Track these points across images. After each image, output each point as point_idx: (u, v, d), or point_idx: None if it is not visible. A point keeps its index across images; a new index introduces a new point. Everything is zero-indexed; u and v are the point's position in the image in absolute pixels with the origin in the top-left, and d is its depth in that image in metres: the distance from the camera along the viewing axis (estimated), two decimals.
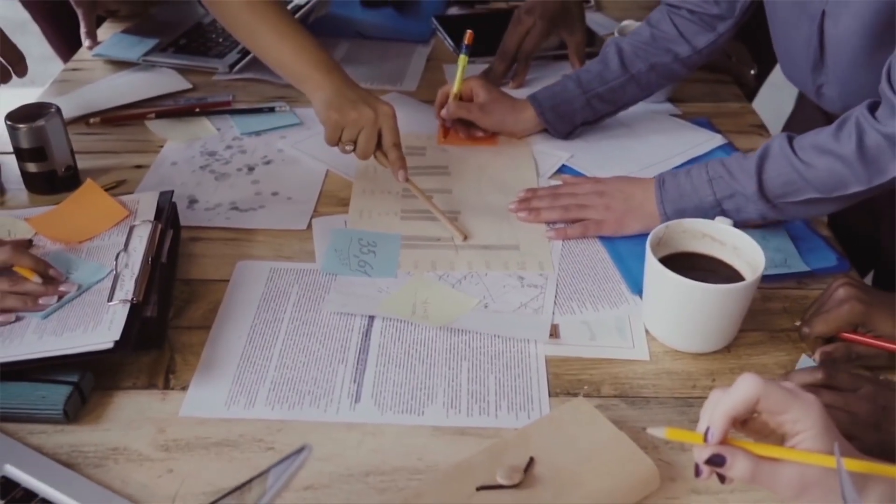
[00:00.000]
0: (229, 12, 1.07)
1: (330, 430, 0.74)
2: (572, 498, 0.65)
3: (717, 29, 1.12)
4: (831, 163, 0.86)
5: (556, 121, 1.15)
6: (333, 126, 1.01)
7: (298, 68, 1.04)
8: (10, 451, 0.70)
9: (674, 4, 1.13)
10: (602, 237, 0.98)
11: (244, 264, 0.94)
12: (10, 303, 0.80)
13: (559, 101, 1.15)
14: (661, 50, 1.13)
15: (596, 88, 1.14)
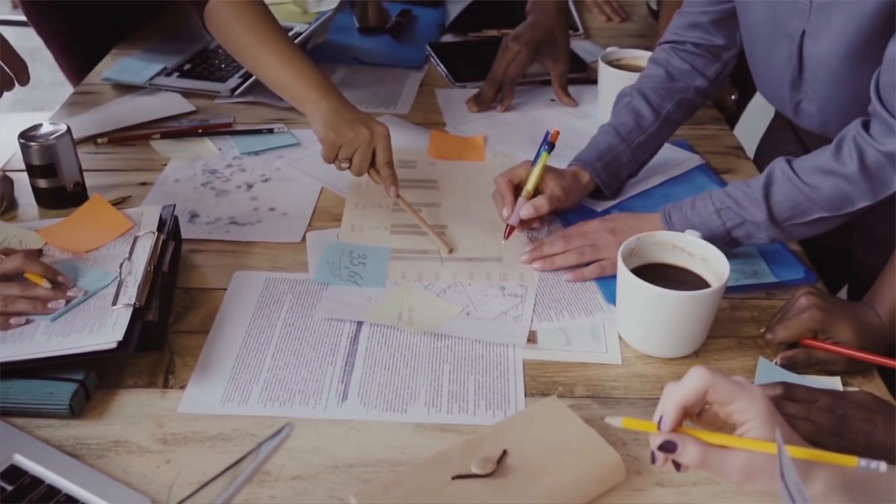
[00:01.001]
0: (234, 37, 1.13)
1: (317, 426, 0.79)
2: (542, 487, 0.70)
3: (722, 58, 1.16)
4: (836, 182, 0.90)
5: (610, 179, 1.12)
6: (331, 145, 1.07)
7: (299, 90, 1.11)
8: (19, 442, 0.75)
9: (676, 41, 1.17)
10: None
11: (241, 274, 0.99)
12: (21, 306, 0.85)
13: (608, 158, 1.12)
14: (683, 86, 1.15)
15: (637, 138, 1.13)
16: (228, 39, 1.15)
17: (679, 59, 1.15)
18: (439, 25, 1.71)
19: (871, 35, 0.90)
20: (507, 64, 1.36)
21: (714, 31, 1.13)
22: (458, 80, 1.48)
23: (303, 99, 1.11)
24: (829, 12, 0.93)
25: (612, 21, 1.78)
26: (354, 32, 1.68)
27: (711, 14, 1.12)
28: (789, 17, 0.98)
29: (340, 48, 1.60)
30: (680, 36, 1.16)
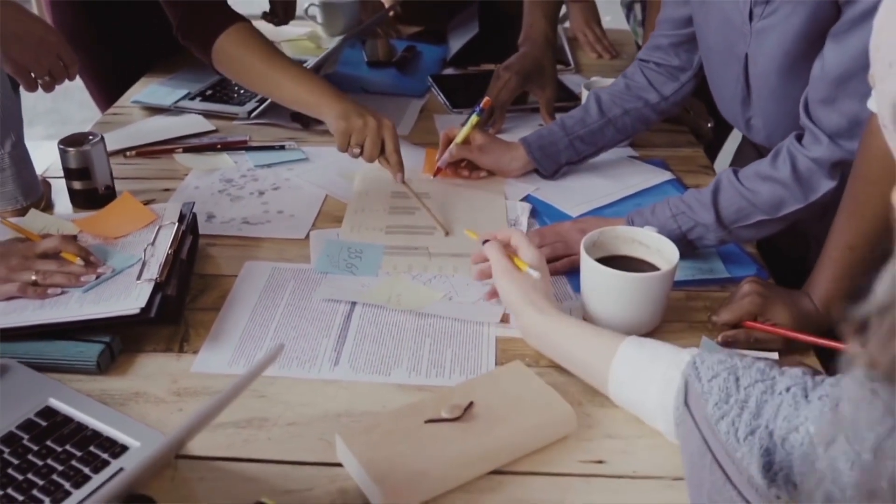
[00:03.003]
0: (246, 67, 1.28)
1: (312, 385, 0.90)
2: (503, 430, 0.80)
3: (679, 79, 1.30)
4: (773, 187, 1.02)
5: (544, 160, 1.31)
6: (343, 132, 1.21)
7: (314, 99, 1.25)
8: (53, 389, 0.87)
9: (644, 59, 1.32)
10: None
11: (251, 264, 1.11)
12: (57, 279, 0.98)
13: (546, 142, 1.32)
14: (634, 97, 1.31)
15: (578, 131, 1.31)
16: (241, 71, 1.29)
17: (640, 75, 1.30)
18: (441, 60, 1.85)
19: (798, 56, 1.03)
20: (499, 90, 1.50)
21: (673, 53, 1.27)
22: (455, 107, 1.62)
23: (319, 105, 1.25)
24: (765, 36, 1.06)
25: (602, 58, 1.92)
26: (363, 65, 1.83)
27: (672, 38, 1.26)
28: (736, 41, 1.11)
29: (349, 78, 1.74)
30: (646, 55, 1.30)
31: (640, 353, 0.81)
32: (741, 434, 0.68)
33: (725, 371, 0.73)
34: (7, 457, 0.78)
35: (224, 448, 0.82)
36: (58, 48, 1.32)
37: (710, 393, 0.72)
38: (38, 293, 0.97)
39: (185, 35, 1.30)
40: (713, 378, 0.73)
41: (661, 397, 0.78)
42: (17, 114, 1.16)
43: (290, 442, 0.83)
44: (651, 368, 0.79)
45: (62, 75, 1.33)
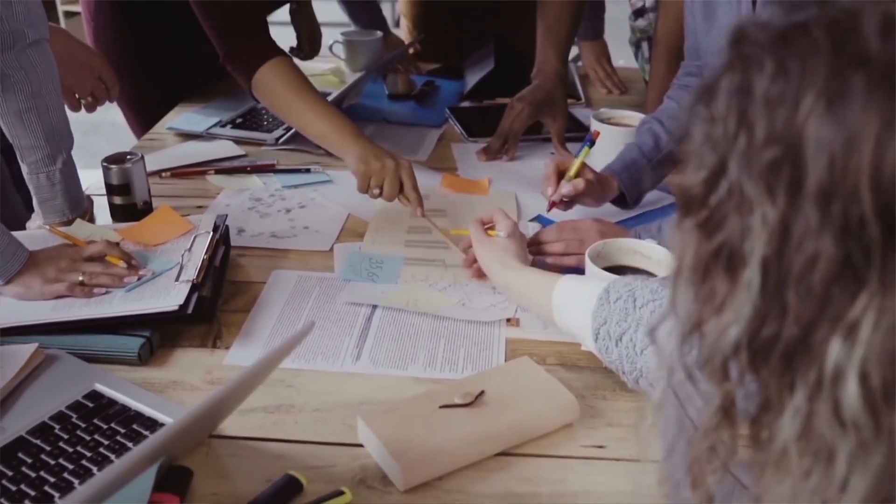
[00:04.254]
0: (280, 99, 1.36)
1: (335, 377, 0.98)
2: (511, 415, 0.87)
3: None
4: None
5: (632, 187, 1.33)
6: (363, 175, 1.29)
7: (335, 137, 1.33)
8: (98, 375, 0.95)
9: (684, 84, 1.40)
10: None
11: (278, 272, 1.20)
12: (103, 280, 1.06)
13: (633, 171, 1.32)
14: None
15: (656, 156, 1.34)
16: (274, 101, 1.38)
17: (687, 95, 1.37)
18: (458, 94, 1.95)
19: None
20: (512, 120, 1.58)
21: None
22: (470, 136, 1.71)
23: (340, 144, 1.32)
24: None
25: (612, 93, 2.01)
26: (384, 98, 1.93)
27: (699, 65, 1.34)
28: None
29: (371, 110, 1.84)
30: (683, 80, 1.38)
31: (573, 284, 0.96)
32: (638, 349, 0.80)
33: (626, 293, 0.86)
34: (58, 432, 0.86)
35: (254, 430, 0.89)
36: (101, 71, 1.42)
37: (613, 313, 0.85)
38: (84, 292, 1.05)
39: (231, 63, 1.39)
40: (617, 300, 0.86)
41: (584, 318, 0.90)
42: (69, 133, 1.25)
43: (315, 425, 0.90)
44: (579, 295, 0.93)
45: (104, 97, 1.43)
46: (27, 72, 1.14)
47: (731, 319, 0.41)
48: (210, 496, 0.81)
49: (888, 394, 0.36)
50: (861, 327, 0.36)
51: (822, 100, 0.36)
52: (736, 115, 0.40)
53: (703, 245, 0.42)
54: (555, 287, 0.96)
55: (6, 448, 0.84)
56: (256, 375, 0.80)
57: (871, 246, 0.35)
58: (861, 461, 0.37)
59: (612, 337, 0.87)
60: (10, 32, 1.11)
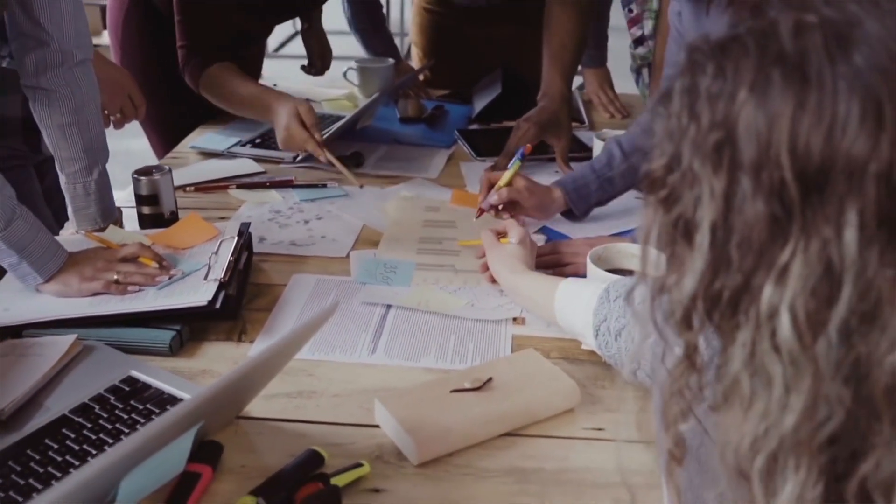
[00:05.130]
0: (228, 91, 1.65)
1: (353, 367, 1.05)
2: (517, 399, 0.94)
3: None
4: None
5: (578, 200, 1.44)
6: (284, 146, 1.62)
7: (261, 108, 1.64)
8: (133, 363, 1.02)
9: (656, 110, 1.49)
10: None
11: (298, 276, 1.27)
12: (136, 279, 1.14)
13: (580, 184, 1.44)
14: (651, 144, 1.47)
15: (606, 173, 1.43)
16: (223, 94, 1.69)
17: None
18: (467, 118, 2.03)
19: None
20: (518, 139, 1.67)
21: None
22: (479, 155, 1.79)
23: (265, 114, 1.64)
24: None
25: (614, 117, 2.10)
26: (396, 122, 2.01)
27: None
28: None
29: (383, 132, 1.93)
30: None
31: (575, 286, 1.03)
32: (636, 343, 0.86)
33: (626, 292, 0.91)
34: (98, 411, 0.93)
35: (278, 412, 0.96)
36: (129, 90, 1.52)
37: (613, 310, 0.93)
38: (119, 290, 1.13)
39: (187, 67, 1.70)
40: (616, 299, 0.94)
41: (585, 316, 0.97)
42: (105, 147, 1.34)
43: (335, 409, 0.97)
44: (580, 296, 1.00)
45: (132, 114, 1.52)
46: (72, 89, 1.23)
47: (689, 275, 0.49)
48: (238, 468, 0.87)
49: (812, 323, 0.44)
50: (789, 270, 0.44)
51: (752, 92, 0.46)
52: (686, 110, 0.50)
53: (665, 217, 0.51)
54: (557, 288, 1.04)
55: (51, 424, 0.91)
56: (286, 348, 0.88)
57: (792, 203, 0.44)
58: (795, 382, 0.45)
59: (612, 332, 0.95)
60: (59, 52, 1.20)
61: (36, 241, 1.11)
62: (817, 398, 0.44)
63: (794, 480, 0.45)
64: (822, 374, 0.44)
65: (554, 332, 1.13)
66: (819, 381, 0.44)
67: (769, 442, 0.46)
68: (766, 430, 0.46)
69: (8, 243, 1.08)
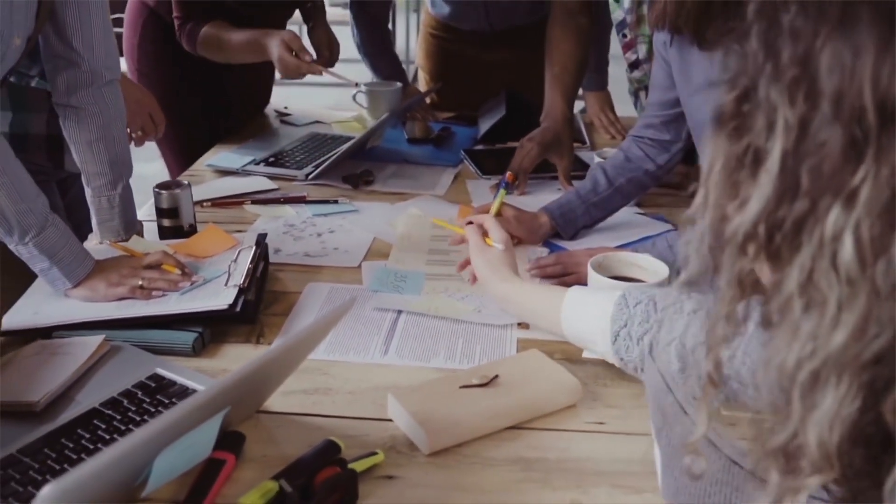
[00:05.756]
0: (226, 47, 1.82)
1: (366, 367, 1.11)
2: (522, 393, 1.00)
3: (671, 150, 1.53)
4: None
5: (565, 224, 1.51)
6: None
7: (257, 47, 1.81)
8: (159, 362, 1.08)
9: (638, 136, 1.56)
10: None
11: (312, 284, 1.33)
12: (160, 284, 1.20)
13: (566, 209, 1.51)
14: (635, 168, 1.53)
15: (591, 199, 1.51)
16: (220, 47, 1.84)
17: (637, 148, 1.52)
18: (472, 139, 2.10)
19: None
20: (522, 158, 1.73)
21: (664, 129, 1.50)
22: (484, 173, 1.86)
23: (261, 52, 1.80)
24: None
25: (615, 139, 2.17)
26: (404, 143, 2.08)
27: (662, 117, 1.49)
28: None
29: (392, 152, 2.00)
30: (640, 132, 1.53)
31: (583, 294, 1.05)
32: (661, 346, 0.90)
33: (646, 298, 0.96)
34: (126, 405, 0.99)
35: (296, 407, 1.02)
36: (150, 108, 1.59)
37: (634, 316, 0.96)
38: (144, 295, 1.19)
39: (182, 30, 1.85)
40: (637, 304, 0.96)
41: (598, 323, 1.00)
42: (129, 163, 1.41)
43: (350, 404, 1.03)
44: (591, 304, 1.02)
45: (152, 132, 1.60)
46: (100, 107, 1.30)
47: (754, 201, 0.51)
48: (260, 457, 0.93)
49: (875, 246, 0.46)
50: (858, 195, 0.46)
51: (837, 27, 0.48)
52: (764, 48, 0.52)
53: (733, 148, 0.53)
54: (564, 298, 1.07)
55: (83, 416, 0.96)
56: (304, 341, 0.94)
57: (868, 131, 0.46)
58: (849, 302, 0.47)
59: (634, 337, 0.97)
60: (90, 72, 1.27)
61: (66, 248, 1.17)
62: (869, 318, 0.46)
63: (833, 396, 0.47)
64: (877, 295, 0.46)
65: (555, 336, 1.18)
66: (873, 301, 0.46)
67: (814, 360, 0.47)
68: (814, 350, 0.48)
69: (40, 249, 1.15)
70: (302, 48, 1.80)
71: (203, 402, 0.77)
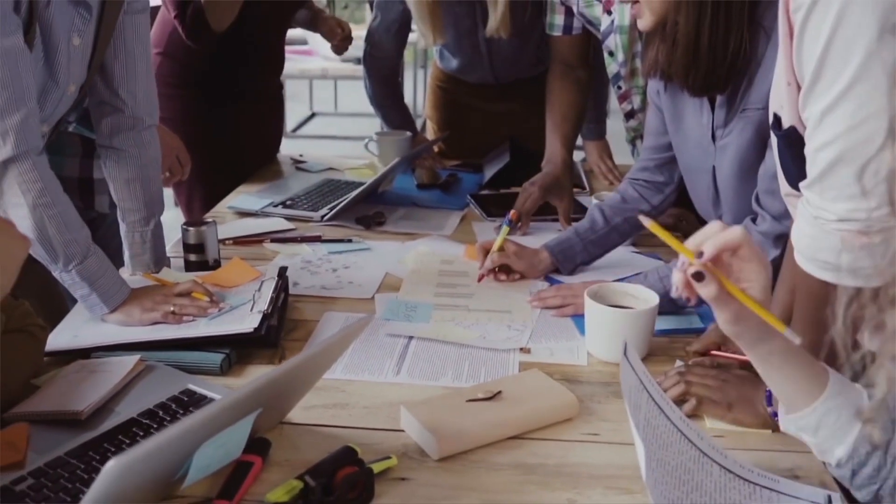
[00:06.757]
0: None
1: (380, 385, 1.20)
2: (523, 407, 1.09)
3: (664, 191, 1.65)
4: None
5: (564, 260, 1.61)
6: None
7: None
8: (190, 379, 1.17)
9: (634, 178, 1.67)
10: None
11: (329, 313, 1.43)
12: (190, 310, 1.30)
13: (565, 246, 1.62)
14: (630, 208, 1.64)
15: (590, 237, 1.62)
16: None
17: (632, 190, 1.63)
18: (478, 184, 2.22)
19: (751, 163, 1.37)
20: (525, 200, 1.85)
21: (657, 172, 1.61)
22: (489, 216, 1.97)
23: None
24: (725, 151, 1.40)
25: (613, 185, 2.28)
26: (413, 188, 2.20)
27: (656, 160, 1.61)
28: (705, 158, 1.46)
29: (402, 196, 2.11)
30: (635, 174, 1.65)
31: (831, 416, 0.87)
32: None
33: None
34: (162, 416, 1.08)
35: (315, 419, 1.11)
36: (177, 151, 1.71)
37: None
38: (175, 319, 1.29)
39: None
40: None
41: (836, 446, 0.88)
42: (162, 201, 1.52)
43: (365, 417, 1.12)
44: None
45: (179, 172, 1.72)
46: (140, 150, 1.43)
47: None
48: (284, 461, 1.02)
49: None
50: None
51: None
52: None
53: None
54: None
55: (123, 425, 1.06)
56: (325, 353, 1.03)
57: None
58: None
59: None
60: (132, 118, 1.40)
61: (105, 276, 1.28)
62: None
63: None
64: None
65: (557, 358, 1.28)
66: None
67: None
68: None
69: (82, 276, 1.25)
70: None
71: (239, 399, 0.86)
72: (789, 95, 1.00)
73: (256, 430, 1.02)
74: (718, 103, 1.40)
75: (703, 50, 1.30)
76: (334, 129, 5.99)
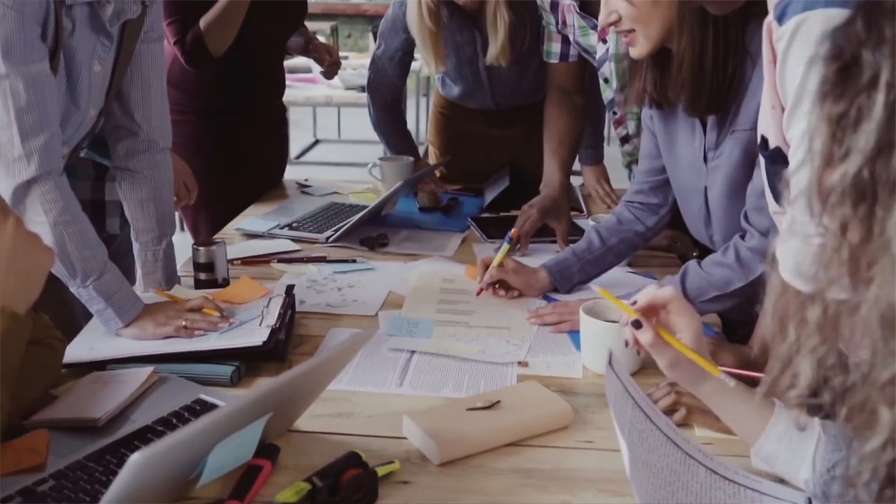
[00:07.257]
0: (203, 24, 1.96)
1: (383, 396, 1.25)
2: (520, 416, 1.14)
3: (659, 213, 1.70)
4: (722, 270, 1.39)
5: (561, 279, 1.67)
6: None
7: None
8: (202, 390, 1.22)
9: (630, 200, 1.73)
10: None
11: (334, 329, 1.49)
12: (201, 325, 1.36)
13: (563, 266, 1.68)
14: (626, 229, 1.70)
15: (586, 257, 1.68)
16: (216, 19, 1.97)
17: (628, 212, 1.69)
18: (478, 208, 2.28)
19: (740, 182, 1.43)
20: (524, 222, 1.90)
21: (652, 194, 1.67)
22: (489, 238, 2.03)
23: None
24: (716, 172, 1.47)
25: (610, 208, 2.34)
26: (416, 211, 2.26)
27: (650, 183, 1.67)
28: (697, 179, 1.52)
29: (405, 219, 2.17)
30: (631, 197, 1.71)
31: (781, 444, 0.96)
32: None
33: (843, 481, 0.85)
34: (175, 423, 1.13)
35: (322, 427, 1.16)
36: (184, 176, 1.77)
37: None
38: (187, 333, 1.35)
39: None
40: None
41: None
42: (174, 222, 1.58)
43: (369, 425, 1.17)
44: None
45: (185, 197, 1.78)
46: (153, 172, 1.49)
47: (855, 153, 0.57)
48: (292, 465, 1.07)
49: None
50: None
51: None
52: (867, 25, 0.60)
53: (835, 108, 0.61)
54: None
55: (138, 431, 1.11)
56: (331, 361, 1.09)
57: None
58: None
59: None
60: (147, 141, 1.46)
61: (121, 292, 1.33)
62: None
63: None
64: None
65: (553, 371, 1.33)
66: None
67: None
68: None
69: (98, 291, 1.31)
70: None
71: (251, 401, 0.92)
72: (774, 118, 1.07)
73: (266, 437, 1.07)
74: (710, 125, 1.46)
75: (708, 71, 1.36)
76: (338, 155, 6.08)
